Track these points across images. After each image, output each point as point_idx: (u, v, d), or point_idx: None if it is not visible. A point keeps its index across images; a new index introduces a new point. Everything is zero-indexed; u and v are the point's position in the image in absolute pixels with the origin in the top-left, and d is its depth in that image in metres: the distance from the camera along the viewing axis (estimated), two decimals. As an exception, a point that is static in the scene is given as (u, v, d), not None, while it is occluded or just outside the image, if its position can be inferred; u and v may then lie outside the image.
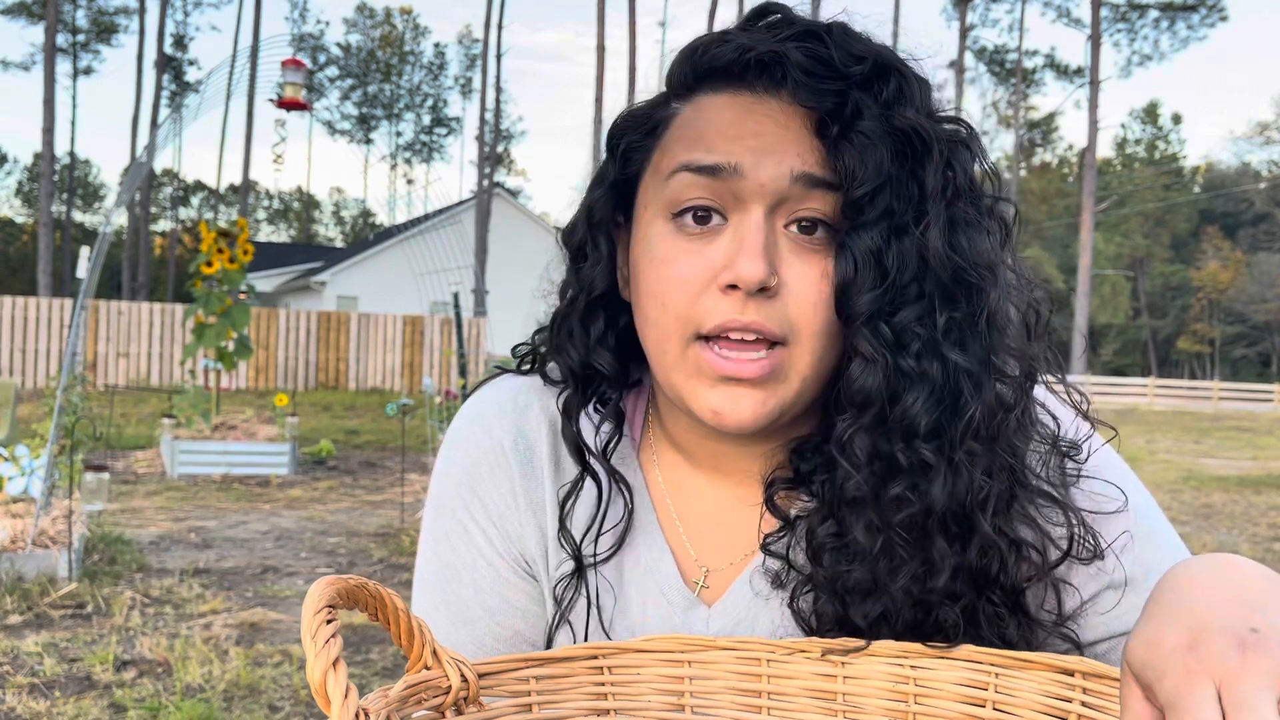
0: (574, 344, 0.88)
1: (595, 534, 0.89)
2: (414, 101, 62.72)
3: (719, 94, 0.82)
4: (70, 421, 6.36)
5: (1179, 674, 0.54)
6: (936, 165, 0.77)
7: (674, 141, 0.82)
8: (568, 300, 0.89)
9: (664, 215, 0.81)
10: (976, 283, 0.77)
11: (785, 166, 0.77)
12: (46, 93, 31.89)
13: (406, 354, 22.52)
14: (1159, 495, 10.25)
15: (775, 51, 0.78)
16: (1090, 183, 32.92)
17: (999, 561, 0.77)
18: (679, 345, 0.79)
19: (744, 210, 0.78)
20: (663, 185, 0.81)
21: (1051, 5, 43.84)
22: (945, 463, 0.76)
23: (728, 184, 0.78)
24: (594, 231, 0.87)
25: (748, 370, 0.77)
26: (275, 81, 10.18)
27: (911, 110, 0.77)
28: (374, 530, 7.42)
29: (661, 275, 0.80)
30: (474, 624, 0.92)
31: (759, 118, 0.79)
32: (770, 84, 0.80)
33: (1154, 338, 60.52)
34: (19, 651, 4.40)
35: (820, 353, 0.79)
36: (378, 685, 1.36)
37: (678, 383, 0.80)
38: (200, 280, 10.08)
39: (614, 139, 0.87)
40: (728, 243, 0.78)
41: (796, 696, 0.77)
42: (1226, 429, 22.31)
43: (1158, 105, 65.41)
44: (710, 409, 0.79)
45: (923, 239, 0.76)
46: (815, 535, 0.80)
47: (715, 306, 0.77)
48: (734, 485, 0.89)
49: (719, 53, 0.81)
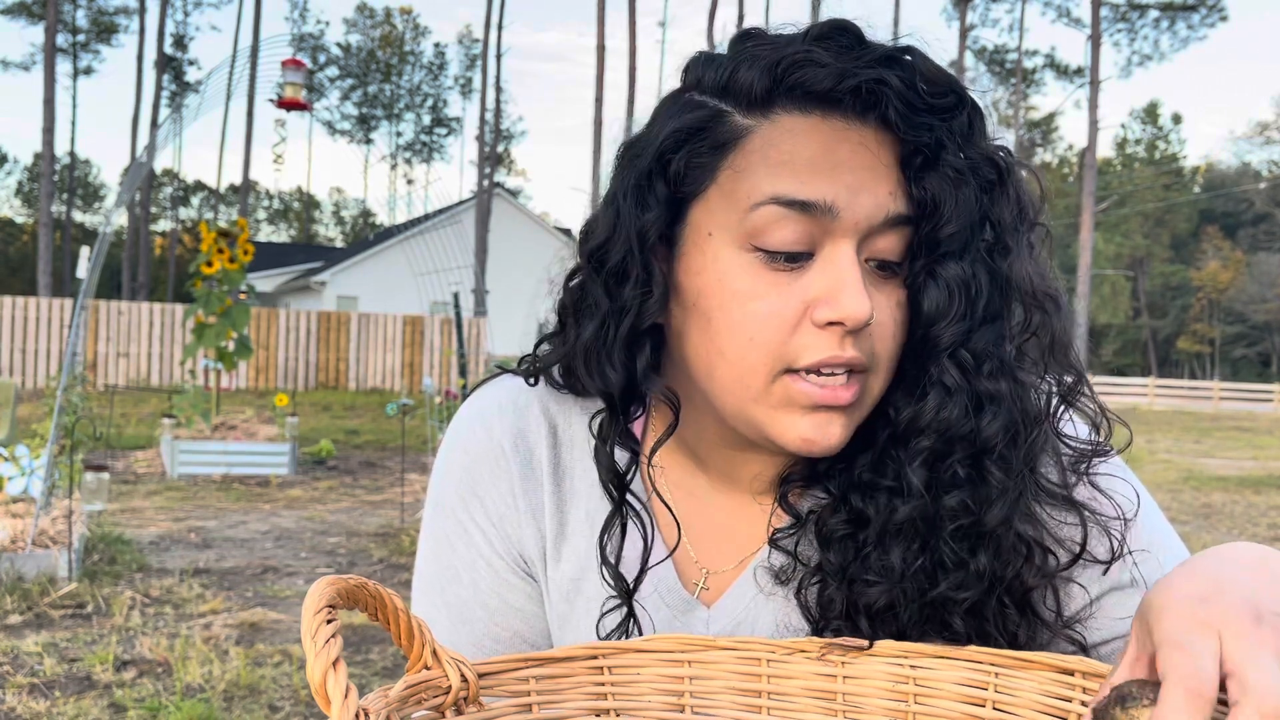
0: (613, 368, 0.82)
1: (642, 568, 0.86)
2: (414, 101, 62.73)
3: (805, 116, 0.77)
4: (70, 421, 6.36)
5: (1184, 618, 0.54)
6: (1010, 194, 0.79)
7: (755, 164, 0.77)
8: (601, 324, 0.82)
9: (742, 244, 0.77)
10: (1041, 305, 0.79)
11: (881, 207, 0.76)
12: (46, 93, 31.87)
13: (406, 354, 22.51)
14: (1159, 495, 10.25)
15: (877, 79, 0.75)
16: (1090, 183, 32.89)
17: (1013, 562, 0.78)
18: (765, 379, 0.77)
19: (835, 243, 0.76)
20: (742, 213, 0.77)
21: (1051, 5, 43.82)
22: (1009, 479, 0.77)
23: (820, 221, 0.76)
24: (646, 256, 0.80)
25: (843, 397, 0.77)
26: (275, 81, 10.18)
27: (985, 140, 0.78)
28: (374, 530, 7.42)
29: (748, 310, 0.77)
30: (473, 624, 0.92)
31: (854, 147, 0.76)
32: (860, 111, 0.77)
33: (1154, 338, 60.52)
34: (19, 651, 4.40)
35: (888, 378, 0.80)
36: (378, 685, 1.36)
37: (759, 414, 0.79)
38: (200, 280, 10.08)
39: (665, 153, 0.80)
40: (819, 276, 0.76)
41: (796, 696, 0.77)
42: (1226, 429, 22.31)
43: (1158, 105, 65.44)
44: (801, 438, 0.78)
45: (1002, 268, 0.78)
46: (827, 525, 0.81)
47: (812, 342, 0.76)
48: (741, 488, 0.89)
49: (813, 74, 0.76)
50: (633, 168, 0.81)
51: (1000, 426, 0.77)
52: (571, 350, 0.85)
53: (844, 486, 0.82)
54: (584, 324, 0.84)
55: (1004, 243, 0.78)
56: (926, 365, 0.79)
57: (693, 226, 0.80)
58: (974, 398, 0.78)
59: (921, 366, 0.79)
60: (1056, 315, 0.80)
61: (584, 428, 0.91)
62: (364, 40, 62.40)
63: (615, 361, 0.82)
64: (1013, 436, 0.78)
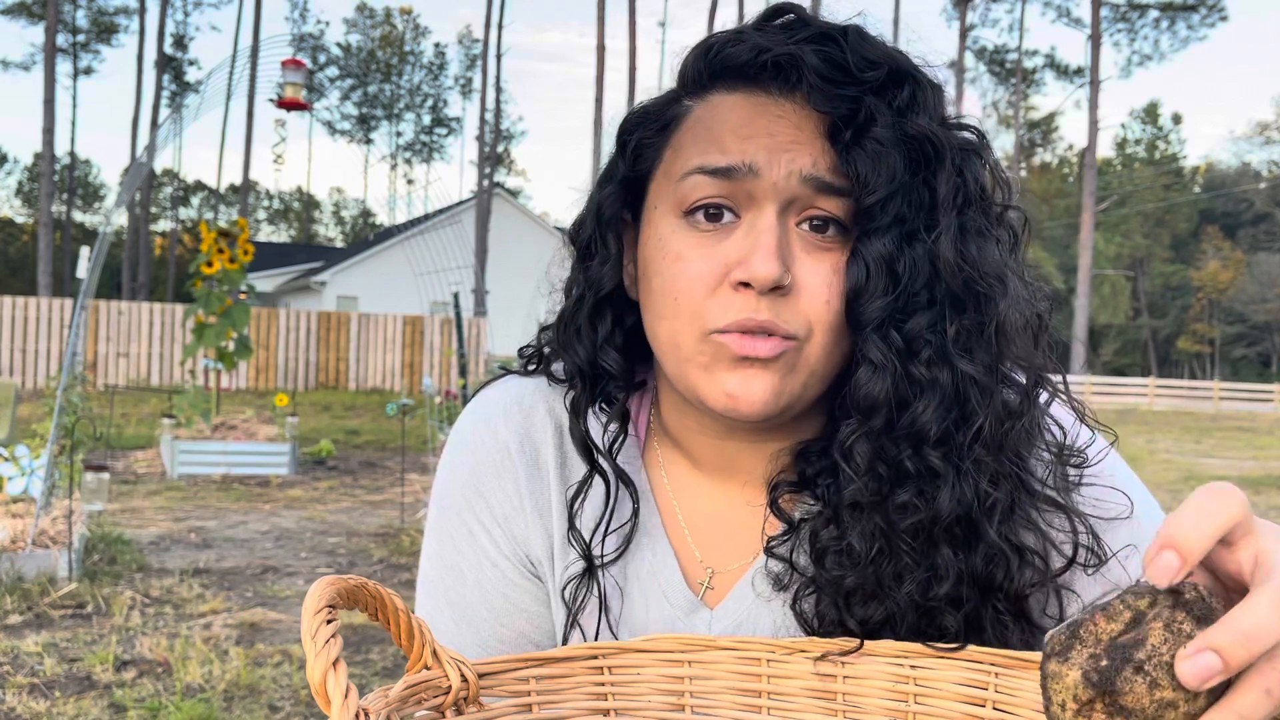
0: (581, 342, 0.87)
1: (604, 532, 0.88)
2: (414, 101, 62.72)
3: (733, 93, 0.81)
4: (70, 421, 6.37)
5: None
6: (948, 173, 0.78)
7: (687, 141, 0.81)
8: (574, 298, 0.88)
9: (675, 213, 0.81)
10: (986, 292, 0.78)
11: (797, 166, 0.77)
12: (46, 93, 31.88)
13: (406, 354, 22.51)
14: (1159, 495, 10.22)
15: (791, 54, 0.78)
16: (1090, 183, 32.92)
17: (1004, 568, 0.77)
18: (692, 340, 0.79)
19: (756, 208, 0.78)
20: (675, 185, 0.81)
21: (1051, 5, 43.86)
22: (954, 470, 0.76)
23: (741, 184, 0.78)
24: (603, 229, 0.86)
25: (763, 349, 0.77)
26: (275, 81, 10.17)
27: (924, 117, 0.78)
28: (374, 530, 7.41)
29: (674, 272, 0.79)
30: (478, 626, 0.92)
31: (772, 118, 0.79)
32: (785, 86, 0.80)
33: (1154, 338, 60.51)
34: (19, 651, 4.40)
35: (829, 348, 0.79)
36: (378, 685, 1.36)
37: (691, 375, 0.80)
38: (200, 280, 10.08)
39: (625, 135, 0.86)
40: (740, 240, 0.78)
41: (796, 696, 0.77)
42: (1227, 429, 22.31)
43: (1158, 105, 65.44)
44: (724, 392, 0.78)
45: (934, 247, 0.77)
46: (819, 538, 0.81)
47: (728, 304, 0.77)
48: (739, 487, 0.89)
49: (734, 52, 0.81)
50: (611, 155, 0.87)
51: (935, 414, 0.76)
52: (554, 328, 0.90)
53: (834, 499, 0.81)
54: (566, 302, 0.89)
55: (936, 220, 0.77)
56: (855, 342, 0.79)
57: (648, 204, 0.85)
58: (906, 380, 0.77)
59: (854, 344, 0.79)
60: (1004, 301, 0.78)
61: (591, 424, 0.91)
62: (364, 40, 62.41)
63: (583, 334, 0.87)
64: (954, 426, 0.76)
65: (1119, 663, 0.48)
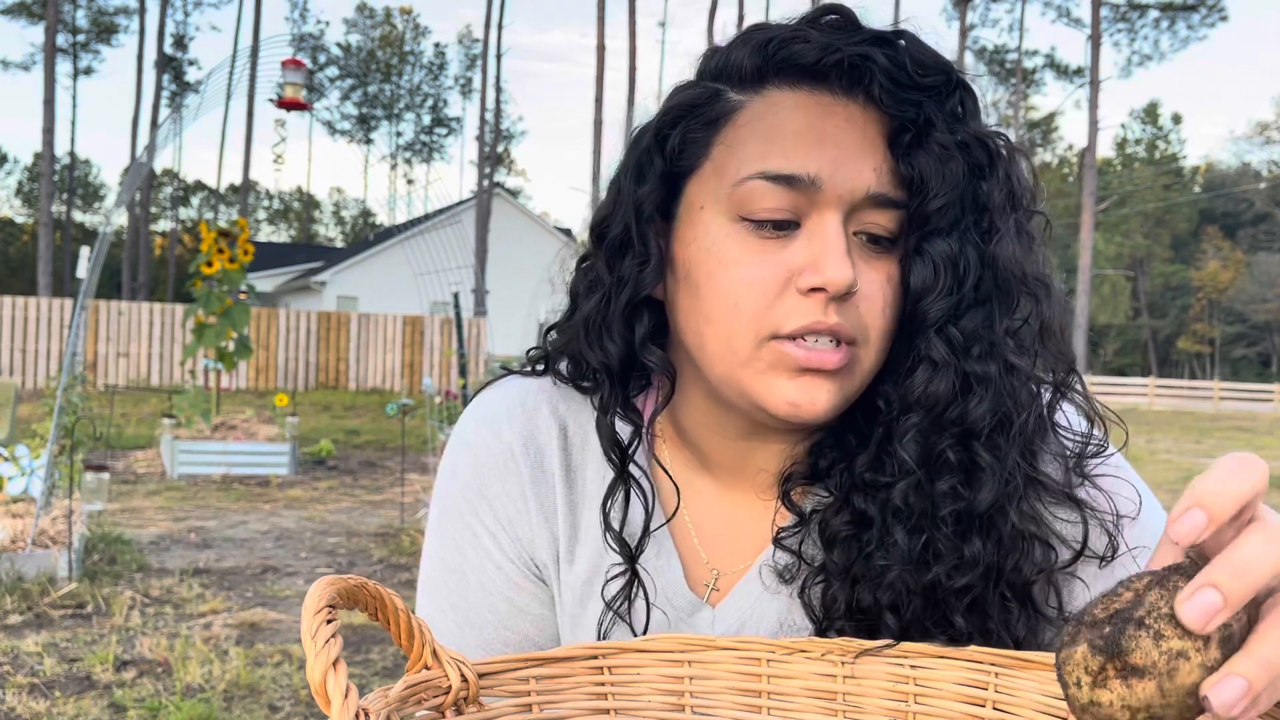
0: (614, 341, 0.85)
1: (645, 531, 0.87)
2: (414, 101, 62.73)
3: (794, 91, 0.80)
4: (70, 421, 6.37)
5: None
6: (1000, 176, 0.80)
7: (743, 141, 0.79)
8: (602, 297, 0.85)
9: (730, 214, 0.79)
10: (1033, 291, 0.80)
11: (864, 181, 0.77)
12: (46, 93, 31.86)
13: (406, 354, 22.51)
14: (1159, 495, 10.21)
15: (863, 54, 0.78)
16: (1090, 183, 32.89)
17: (1014, 556, 0.78)
18: (751, 345, 0.78)
19: (819, 214, 0.78)
20: (731, 186, 0.79)
21: (1051, 5, 43.84)
22: (999, 464, 0.78)
23: (804, 192, 0.77)
24: (643, 228, 0.83)
25: (829, 361, 0.77)
26: (275, 81, 10.18)
27: (976, 122, 0.80)
28: (374, 530, 7.42)
29: (733, 277, 0.78)
30: (482, 628, 0.92)
31: (840, 122, 0.78)
32: (847, 87, 0.79)
33: (1154, 338, 60.53)
34: (19, 651, 4.40)
35: (882, 353, 0.80)
36: (378, 685, 1.36)
37: (746, 380, 0.79)
38: (200, 280, 10.08)
39: (664, 130, 0.83)
40: (805, 245, 0.77)
41: (796, 696, 0.77)
42: (1227, 429, 22.31)
43: (1158, 105, 65.46)
44: (787, 401, 0.78)
45: (991, 248, 0.79)
46: (830, 526, 0.82)
47: (794, 308, 0.77)
48: (746, 485, 0.89)
49: (801, 50, 0.79)
50: (636, 147, 0.84)
51: (988, 409, 0.78)
52: (576, 327, 0.87)
53: (846, 487, 0.82)
54: (588, 299, 0.86)
55: (993, 224, 0.79)
56: (915, 342, 0.80)
57: (687, 201, 0.82)
58: (962, 376, 0.78)
59: (911, 344, 0.80)
60: (1047, 302, 0.81)
61: (594, 426, 0.90)
62: (364, 40, 62.42)
63: (614, 333, 0.85)
64: (1001, 421, 0.78)
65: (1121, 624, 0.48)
